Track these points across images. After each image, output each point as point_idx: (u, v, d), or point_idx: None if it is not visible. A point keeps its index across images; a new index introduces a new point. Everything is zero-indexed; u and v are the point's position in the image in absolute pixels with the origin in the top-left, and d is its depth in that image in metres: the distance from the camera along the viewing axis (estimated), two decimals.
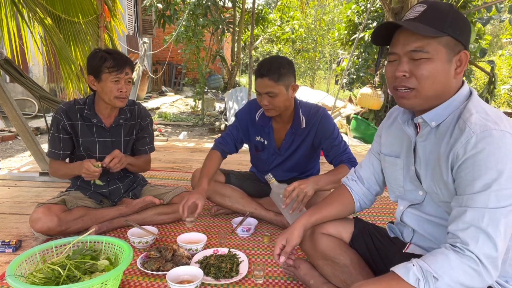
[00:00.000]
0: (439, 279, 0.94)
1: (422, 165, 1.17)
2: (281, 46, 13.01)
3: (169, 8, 8.19)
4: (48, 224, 1.82)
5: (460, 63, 1.07)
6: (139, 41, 11.01)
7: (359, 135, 6.49)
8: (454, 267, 0.94)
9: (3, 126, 6.22)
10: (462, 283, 0.93)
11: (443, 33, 1.02)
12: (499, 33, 18.15)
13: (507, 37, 11.69)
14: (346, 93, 12.00)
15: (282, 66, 1.88)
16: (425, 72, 1.04)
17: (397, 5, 5.31)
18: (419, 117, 1.14)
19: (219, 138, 2.20)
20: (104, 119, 2.03)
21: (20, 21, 3.23)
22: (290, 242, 1.33)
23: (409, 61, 1.06)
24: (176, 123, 8.24)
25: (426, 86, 1.05)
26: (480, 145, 0.97)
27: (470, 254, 0.94)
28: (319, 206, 1.42)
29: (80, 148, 2.03)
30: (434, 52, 1.03)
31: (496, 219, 0.94)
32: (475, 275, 0.93)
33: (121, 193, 2.18)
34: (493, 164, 0.94)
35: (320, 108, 2.10)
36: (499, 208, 0.94)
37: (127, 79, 1.94)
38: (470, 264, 0.94)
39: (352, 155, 2.01)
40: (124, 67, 1.91)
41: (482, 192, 0.95)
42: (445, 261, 0.95)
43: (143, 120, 2.16)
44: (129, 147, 2.14)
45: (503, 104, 12.02)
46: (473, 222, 0.96)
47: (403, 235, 1.31)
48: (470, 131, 0.99)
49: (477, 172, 0.97)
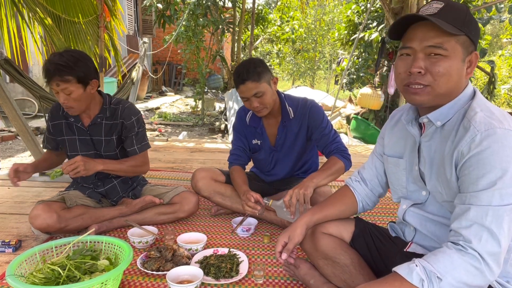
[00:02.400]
0: (443, 279, 0.93)
1: (426, 165, 1.17)
2: (281, 46, 13.02)
3: (169, 8, 8.19)
4: (48, 221, 1.81)
5: (471, 63, 1.07)
6: (139, 41, 11.00)
7: (359, 135, 6.49)
8: (456, 267, 0.94)
9: (3, 126, 6.22)
10: (465, 282, 0.93)
11: (461, 32, 1.02)
12: (499, 33, 18.16)
13: (507, 37, 11.69)
14: (346, 93, 12.00)
15: (257, 65, 1.95)
16: (442, 69, 1.03)
17: (397, 5, 5.32)
18: (424, 117, 1.13)
19: (230, 157, 2.25)
20: (82, 118, 2.04)
21: (20, 21, 3.23)
22: (293, 239, 1.34)
23: (425, 57, 1.05)
24: (176, 123, 8.23)
25: (441, 83, 1.04)
26: (484, 143, 0.96)
27: (473, 252, 0.94)
28: (322, 205, 1.42)
29: (66, 146, 2.07)
30: (452, 50, 1.03)
31: (499, 216, 0.94)
32: (477, 273, 0.93)
33: (119, 192, 2.17)
34: (497, 162, 0.94)
35: (308, 100, 2.15)
36: (502, 206, 0.94)
37: (62, 89, 1.82)
38: (472, 263, 0.93)
39: (342, 145, 2.03)
40: (51, 79, 1.80)
41: (486, 190, 0.95)
42: (448, 260, 0.95)
43: (127, 119, 2.05)
44: (111, 146, 2.08)
45: (503, 104, 12.01)
46: (477, 219, 0.95)
47: (404, 234, 1.31)
48: (475, 129, 0.99)
49: (481, 170, 0.97)
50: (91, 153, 2.06)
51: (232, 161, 2.23)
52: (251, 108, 2.03)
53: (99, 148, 2.07)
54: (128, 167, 2.08)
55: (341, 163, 1.96)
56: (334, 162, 1.96)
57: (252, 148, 2.26)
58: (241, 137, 2.25)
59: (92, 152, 2.06)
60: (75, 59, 1.83)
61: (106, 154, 2.08)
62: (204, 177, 2.24)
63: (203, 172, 2.26)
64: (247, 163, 2.27)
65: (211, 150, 4.32)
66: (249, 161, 2.29)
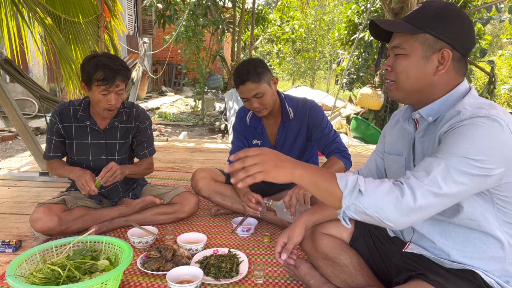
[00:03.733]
0: (364, 195, 0.95)
1: (421, 161, 1.17)
2: (281, 46, 13.02)
3: (169, 8, 8.19)
4: (48, 223, 1.81)
5: (444, 59, 1.07)
6: (139, 41, 11.00)
7: (359, 135, 6.49)
8: (382, 191, 0.95)
9: (3, 126, 6.23)
10: (382, 208, 0.95)
11: (420, 30, 1.06)
12: (499, 33, 18.16)
13: (507, 37, 11.69)
14: (346, 93, 12.00)
15: (257, 66, 1.95)
16: (399, 67, 1.11)
17: (397, 5, 5.31)
18: (416, 112, 1.16)
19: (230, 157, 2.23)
20: (98, 121, 2.01)
21: (20, 21, 3.23)
22: (292, 239, 1.34)
23: (393, 56, 1.13)
24: (176, 123, 8.24)
25: (402, 80, 1.12)
26: (466, 121, 0.98)
27: (406, 187, 0.95)
28: (321, 205, 1.43)
29: (73, 150, 2.01)
30: (410, 49, 1.08)
31: (449, 172, 0.94)
32: (397, 204, 0.94)
33: (120, 193, 2.18)
34: (470, 136, 0.95)
35: (308, 100, 2.16)
36: (458, 168, 0.94)
37: (117, 91, 1.88)
38: (397, 194, 0.94)
39: (342, 145, 2.04)
40: (114, 80, 1.83)
41: (450, 151, 0.96)
42: (379, 185, 0.97)
43: (142, 123, 2.11)
44: (124, 150, 2.10)
45: (503, 104, 11.99)
46: (428, 166, 0.97)
47: (403, 234, 1.31)
48: (460, 114, 1.01)
49: (454, 138, 0.98)
50: (103, 158, 2.04)
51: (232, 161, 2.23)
52: (251, 108, 2.03)
53: (112, 152, 2.05)
54: (143, 170, 2.18)
55: (341, 163, 1.96)
56: (334, 162, 1.96)
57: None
58: (241, 137, 2.25)
59: (104, 157, 2.04)
60: (120, 59, 1.89)
61: (119, 158, 2.08)
62: (204, 177, 2.24)
63: (203, 172, 2.27)
64: None
65: (211, 150, 4.32)
66: None
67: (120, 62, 1.87)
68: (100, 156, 2.03)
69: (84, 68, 1.85)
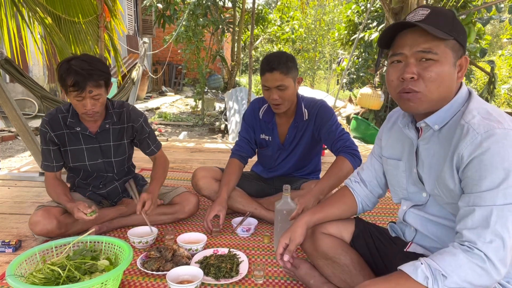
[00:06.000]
0: (448, 277, 0.93)
1: (425, 168, 1.17)
2: (281, 46, 13.01)
3: (169, 8, 8.20)
4: (48, 227, 1.81)
5: (461, 67, 1.07)
6: (139, 41, 11.00)
7: (359, 135, 6.49)
8: (462, 265, 0.94)
9: (3, 126, 6.23)
10: (470, 282, 0.93)
11: (450, 36, 1.02)
12: (499, 33, 18.15)
13: (507, 37, 11.68)
14: (346, 93, 12.00)
15: (289, 59, 1.95)
16: (433, 74, 1.03)
17: (397, 5, 5.31)
18: (422, 122, 1.13)
19: (234, 146, 2.27)
20: (89, 125, 1.94)
21: (20, 21, 3.23)
22: (294, 240, 1.33)
23: (416, 63, 1.05)
24: (176, 123, 8.24)
25: (432, 89, 1.04)
26: (485, 145, 0.96)
27: (478, 252, 0.94)
28: (322, 206, 1.42)
29: (69, 157, 1.97)
30: (442, 55, 1.03)
31: (504, 216, 0.94)
32: (483, 273, 0.93)
33: (120, 193, 2.17)
34: (499, 163, 0.94)
35: (319, 100, 2.17)
36: (506, 205, 0.94)
37: (92, 96, 1.76)
38: (478, 263, 0.93)
39: (349, 142, 2.00)
40: (84, 86, 1.71)
41: (489, 190, 0.95)
42: (453, 259, 0.95)
43: (135, 122, 2.03)
44: (120, 151, 2.04)
45: (503, 104, 12.01)
46: (481, 220, 0.96)
47: (404, 234, 1.31)
48: (474, 132, 0.99)
49: (483, 171, 0.96)
50: (100, 161, 2.01)
51: (233, 151, 2.25)
52: (269, 99, 2.01)
53: (108, 155, 2.01)
54: (162, 173, 2.13)
55: (348, 164, 1.91)
56: (340, 165, 1.91)
57: (259, 143, 2.26)
58: (249, 128, 2.25)
59: (100, 160, 2.01)
60: (97, 62, 1.78)
61: (117, 160, 2.05)
62: (205, 176, 2.24)
63: (204, 172, 2.27)
64: (250, 156, 2.27)
65: (211, 150, 4.32)
66: (252, 154, 2.28)
67: (96, 66, 1.75)
68: (97, 160, 2.00)
69: (58, 72, 1.76)
